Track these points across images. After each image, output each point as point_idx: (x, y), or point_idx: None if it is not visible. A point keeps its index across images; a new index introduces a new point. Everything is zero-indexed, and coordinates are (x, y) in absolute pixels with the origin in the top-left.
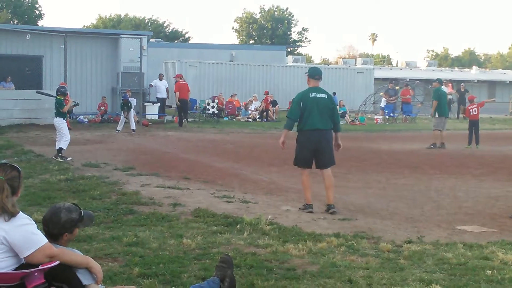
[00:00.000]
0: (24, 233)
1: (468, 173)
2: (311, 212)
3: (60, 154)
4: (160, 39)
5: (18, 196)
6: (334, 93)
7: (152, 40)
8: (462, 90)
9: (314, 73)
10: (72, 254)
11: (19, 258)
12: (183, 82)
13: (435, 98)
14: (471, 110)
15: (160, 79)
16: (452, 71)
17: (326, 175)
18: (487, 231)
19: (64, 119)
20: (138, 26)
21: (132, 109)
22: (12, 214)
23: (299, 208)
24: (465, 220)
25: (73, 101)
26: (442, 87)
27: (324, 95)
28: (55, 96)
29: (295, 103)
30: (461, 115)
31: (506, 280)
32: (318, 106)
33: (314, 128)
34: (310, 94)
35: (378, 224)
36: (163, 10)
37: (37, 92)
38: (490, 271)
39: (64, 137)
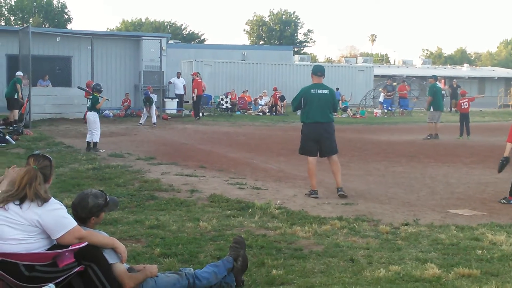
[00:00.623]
0: (56, 217)
1: (460, 162)
2: (316, 197)
3: (96, 147)
4: (178, 41)
5: (50, 183)
6: (337, 89)
7: (170, 41)
8: (455, 85)
9: (316, 70)
10: (99, 236)
11: (51, 239)
12: (200, 80)
13: (430, 94)
14: (462, 104)
15: (178, 77)
16: (445, 68)
17: (332, 162)
18: (478, 214)
19: (97, 113)
20: (158, 28)
21: (153, 104)
22: (44, 200)
23: (305, 194)
24: (457, 204)
25: (106, 99)
26: (437, 83)
27: (325, 91)
28: (91, 93)
29: (298, 96)
30: (453, 109)
31: (495, 259)
32: (319, 101)
33: (314, 121)
34: (311, 90)
35: (377, 208)
36: (180, 13)
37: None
38: (480, 251)
39: (96, 131)
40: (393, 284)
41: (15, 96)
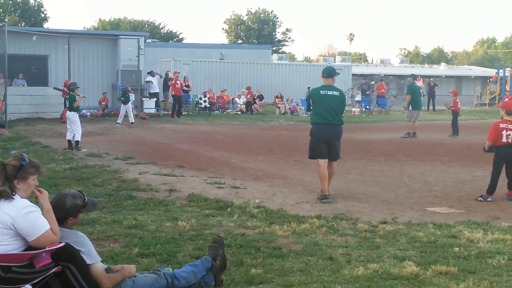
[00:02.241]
0: (29, 220)
1: (437, 160)
2: (328, 202)
3: (78, 146)
4: (156, 40)
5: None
6: (309, 88)
7: (148, 40)
8: (432, 84)
9: (323, 72)
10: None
11: (27, 240)
12: (174, 82)
13: (409, 92)
14: (458, 103)
15: (152, 75)
16: (422, 67)
17: (331, 167)
18: (455, 212)
19: (77, 113)
20: (136, 27)
21: (130, 102)
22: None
23: (317, 198)
24: (435, 202)
25: (83, 96)
26: (415, 82)
27: (336, 93)
28: (67, 91)
29: (307, 98)
30: (431, 108)
31: (472, 256)
32: (329, 102)
33: (324, 122)
34: (320, 91)
35: (356, 206)
36: (159, 13)
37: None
38: (458, 248)
39: (77, 129)
40: (371, 282)
41: None
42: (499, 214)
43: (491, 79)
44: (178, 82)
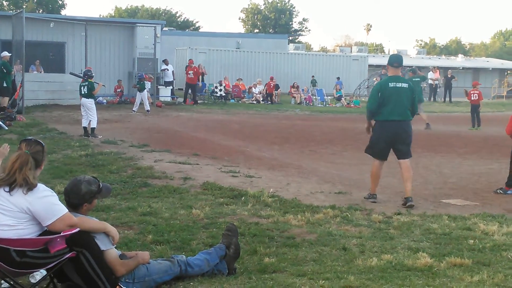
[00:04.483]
0: (46, 204)
1: (453, 152)
2: (375, 202)
3: (94, 133)
4: (172, 28)
5: (41, 169)
6: (338, 78)
7: (165, 28)
8: (449, 76)
9: (392, 61)
10: (90, 222)
11: (42, 225)
12: (191, 69)
13: None
14: (472, 95)
15: (166, 64)
16: (439, 58)
17: (404, 167)
18: (470, 204)
19: (94, 100)
20: (153, 16)
21: (145, 90)
22: (31, 186)
23: (364, 197)
24: (450, 194)
25: (102, 84)
26: (416, 76)
27: (404, 85)
28: (85, 78)
29: (374, 93)
30: (446, 100)
31: (487, 249)
32: (399, 96)
33: (392, 119)
34: (389, 83)
35: None
36: (176, 1)
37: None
38: (472, 241)
39: (93, 117)
40: (385, 273)
41: (4, 84)
42: None
43: (509, 71)
44: (190, 71)
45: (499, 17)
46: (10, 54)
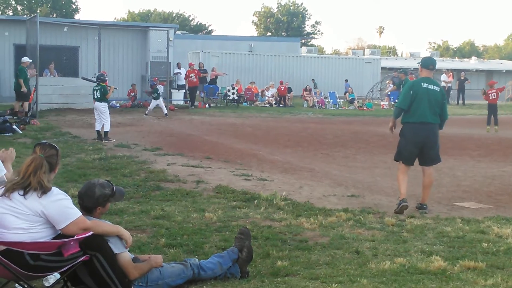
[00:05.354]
0: (60, 207)
1: (466, 154)
2: (404, 206)
3: (107, 137)
4: (185, 32)
5: (55, 173)
6: (346, 80)
7: (178, 32)
8: (462, 78)
9: (428, 63)
10: (104, 225)
11: (56, 229)
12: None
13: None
14: (490, 95)
15: (179, 67)
16: (452, 61)
17: (427, 174)
18: (484, 207)
19: (107, 103)
20: (166, 19)
21: (161, 97)
22: (45, 190)
23: (395, 211)
24: (464, 197)
25: (114, 88)
26: (407, 77)
27: (436, 88)
28: (98, 83)
29: (405, 91)
30: (466, 102)
31: (501, 252)
32: (429, 98)
33: (423, 121)
34: (422, 84)
35: (383, 200)
36: (188, 4)
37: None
38: (486, 244)
39: (107, 120)
40: (398, 276)
41: (21, 90)
42: None
43: None
44: (192, 74)
45: None
46: (31, 61)
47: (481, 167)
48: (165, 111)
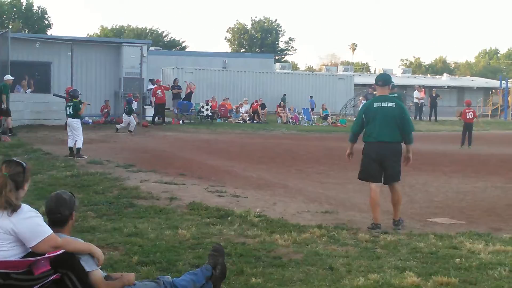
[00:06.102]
0: (31, 225)
1: (439, 170)
2: (378, 232)
3: (80, 153)
4: (159, 48)
5: (25, 190)
6: (311, 96)
7: (151, 48)
8: (434, 95)
9: (376, 80)
10: (75, 243)
11: (26, 247)
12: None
13: None
14: (467, 114)
15: (153, 84)
16: (424, 77)
17: (393, 191)
18: (456, 223)
19: (80, 120)
20: (139, 35)
21: (134, 113)
22: (15, 208)
23: (367, 227)
24: (436, 213)
25: (88, 103)
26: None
27: (391, 104)
28: (70, 99)
29: (359, 114)
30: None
31: (473, 268)
32: (384, 116)
33: (379, 141)
34: (374, 104)
35: (357, 216)
36: (162, 21)
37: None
38: (459, 259)
39: (79, 137)
40: None
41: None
42: (500, 225)
43: (493, 90)
44: (158, 90)
45: (484, 36)
46: (14, 78)
47: (454, 183)
48: (132, 129)
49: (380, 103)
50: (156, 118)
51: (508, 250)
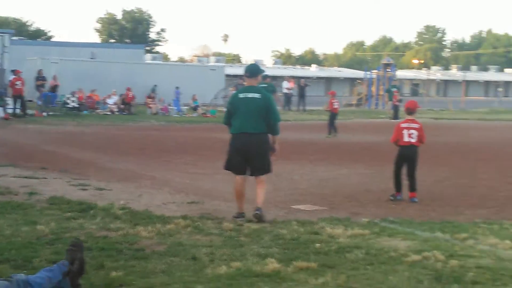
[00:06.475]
0: None
1: (305, 159)
2: (242, 221)
3: None
4: (23, 37)
5: None
6: (177, 88)
7: (14, 38)
8: (302, 85)
9: (245, 70)
10: None
11: None
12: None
13: None
14: (334, 103)
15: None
16: (294, 68)
17: (259, 181)
18: (319, 209)
19: None
20: (1, 24)
21: None
22: None
23: (232, 216)
24: (300, 200)
25: None
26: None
27: (257, 95)
28: None
29: (227, 106)
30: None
31: (332, 252)
32: (248, 107)
33: (243, 132)
34: (239, 95)
35: (222, 206)
36: (27, 10)
37: None
38: (319, 244)
39: None
40: (233, 280)
41: None
42: (359, 210)
43: (358, 81)
44: (18, 81)
45: (351, 28)
46: None
47: (319, 171)
48: None
49: (245, 94)
50: (18, 111)
51: (365, 234)
